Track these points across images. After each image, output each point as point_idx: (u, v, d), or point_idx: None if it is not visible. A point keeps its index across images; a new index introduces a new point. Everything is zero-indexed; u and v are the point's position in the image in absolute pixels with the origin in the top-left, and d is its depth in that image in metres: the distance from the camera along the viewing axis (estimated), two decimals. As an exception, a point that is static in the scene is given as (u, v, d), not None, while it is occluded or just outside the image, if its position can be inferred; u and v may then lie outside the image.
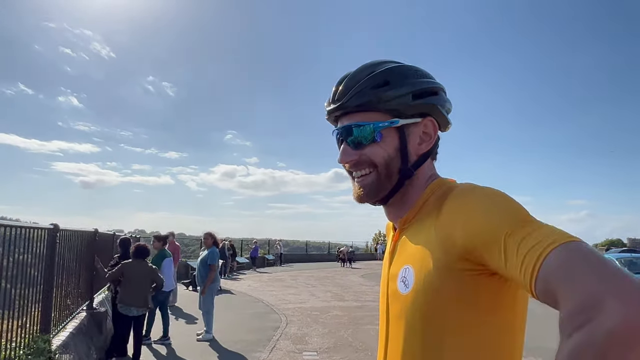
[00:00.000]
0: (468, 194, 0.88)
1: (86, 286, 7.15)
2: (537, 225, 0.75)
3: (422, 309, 0.89)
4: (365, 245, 49.06)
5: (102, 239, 8.23)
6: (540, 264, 0.68)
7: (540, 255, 0.69)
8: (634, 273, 13.28)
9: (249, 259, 26.80)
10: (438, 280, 0.86)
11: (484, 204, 0.83)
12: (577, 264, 0.64)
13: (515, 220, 0.77)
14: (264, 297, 14.18)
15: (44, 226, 4.88)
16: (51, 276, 5.02)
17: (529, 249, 0.71)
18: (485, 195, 0.85)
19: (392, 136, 1.01)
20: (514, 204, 0.82)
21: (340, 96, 1.02)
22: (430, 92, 1.03)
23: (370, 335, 8.67)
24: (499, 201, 0.82)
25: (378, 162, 1.00)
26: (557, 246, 0.68)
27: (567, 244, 0.68)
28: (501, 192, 0.86)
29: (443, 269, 0.86)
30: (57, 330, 5.35)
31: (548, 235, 0.71)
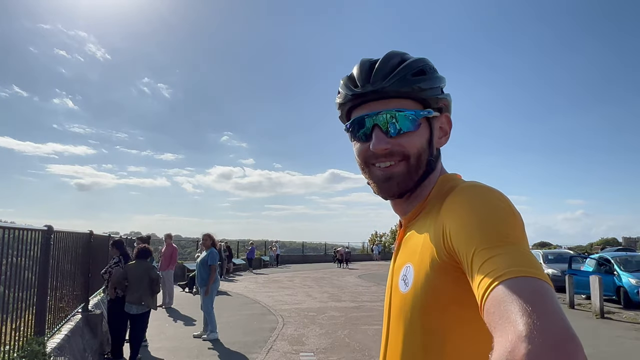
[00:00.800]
0: (463, 194, 0.86)
1: (81, 288, 7.10)
2: (506, 250, 0.72)
3: (421, 308, 0.88)
4: (362, 246, 49.07)
5: (97, 240, 8.20)
6: (487, 295, 0.67)
7: (490, 285, 0.67)
8: (630, 271, 13.36)
9: (245, 260, 26.77)
10: (435, 280, 0.86)
11: (471, 211, 0.81)
12: (512, 308, 0.62)
13: (489, 238, 0.74)
14: (261, 298, 14.16)
15: (38, 228, 4.84)
16: (45, 278, 4.98)
17: (485, 275, 0.69)
18: (477, 202, 0.82)
19: (425, 127, 1.00)
20: (499, 218, 0.78)
21: (379, 79, 0.97)
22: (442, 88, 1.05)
23: (368, 336, 8.66)
24: (486, 212, 0.79)
25: (412, 152, 0.98)
26: (506, 280, 0.66)
27: (517, 279, 0.66)
28: (496, 200, 0.83)
29: (439, 268, 0.85)
30: (52, 333, 5.31)
31: (507, 264, 0.68)
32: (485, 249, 0.73)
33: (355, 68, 1.04)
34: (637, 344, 8.43)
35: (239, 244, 29.41)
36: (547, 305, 0.62)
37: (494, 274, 0.68)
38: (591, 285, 11.70)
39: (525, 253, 0.72)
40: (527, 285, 0.65)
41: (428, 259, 0.87)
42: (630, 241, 58.31)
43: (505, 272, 0.67)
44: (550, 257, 18.84)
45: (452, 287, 0.84)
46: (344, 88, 1.04)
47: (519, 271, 0.67)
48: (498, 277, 0.67)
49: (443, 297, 0.85)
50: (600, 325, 10.26)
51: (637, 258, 14.94)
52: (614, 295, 13.37)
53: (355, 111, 1.03)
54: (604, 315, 11.12)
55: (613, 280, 13.43)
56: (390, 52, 1.02)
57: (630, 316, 11.00)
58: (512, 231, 0.77)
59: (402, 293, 0.94)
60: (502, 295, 0.65)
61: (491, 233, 0.75)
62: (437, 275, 0.85)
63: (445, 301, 0.85)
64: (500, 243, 0.73)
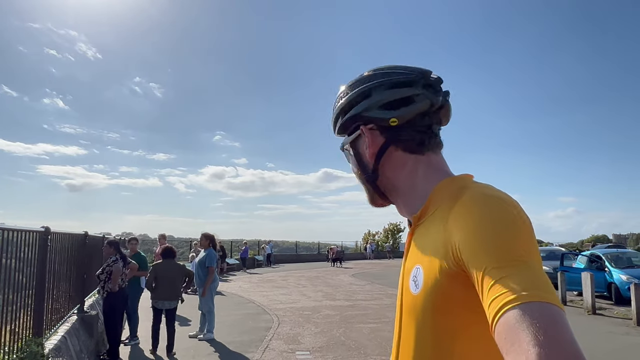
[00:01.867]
0: (474, 204, 0.85)
1: (77, 289, 7.09)
2: (517, 270, 0.72)
3: (431, 310, 0.89)
4: (355, 244, 49.15)
5: (92, 242, 8.18)
6: (498, 319, 0.68)
7: (501, 309, 0.68)
8: (621, 268, 13.52)
9: (239, 260, 26.75)
10: (444, 284, 0.86)
11: (481, 224, 0.80)
12: (523, 335, 0.63)
13: (500, 257, 0.74)
14: (255, 297, 14.17)
15: (35, 229, 4.84)
16: (43, 279, 4.98)
17: (495, 297, 0.70)
18: (487, 214, 0.82)
19: (350, 153, 1.13)
20: (511, 233, 0.78)
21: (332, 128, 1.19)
22: (356, 101, 1.06)
23: (363, 334, 8.71)
24: (498, 226, 0.79)
25: (355, 177, 1.15)
26: (518, 305, 0.67)
27: (528, 305, 0.66)
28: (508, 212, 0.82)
29: (448, 274, 0.85)
30: (50, 334, 5.31)
31: (519, 287, 0.69)
32: (496, 268, 0.73)
33: None
34: (628, 339, 8.56)
35: (232, 243, 29.37)
36: (559, 334, 0.62)
37: (504, 297, 0.68)
38: (583, 282, 11.83)
39: (537, 273, 0.72)
40: (539, 311, 0.65)
41: (437, 263, 0.87)
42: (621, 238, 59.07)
43: (517, 297, 0.67)
44: (542, 254, 18.90)
45: (461, 291, 0.84)
46: None
47: (530, 296, 0.67)
48: (509, 301, 0.67)
49: (452, 301, 0.86)
50: (592, 322, 10.38)
51: (627, 255, 15.12)
52: (606, 292, 13.52)
53: None
54: (595, 311, 11.25)
55: (604, 277, 13.58)
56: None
57: (621, 312, 11.14)
58: (524, 247, 0.76)
59: (413, 294, 0.94)
60: (513, 321, 0.65)
61: (502, 251, 0.75)
62: (446, 280, 0.85)
63: (455, 305, 0.86)
64: (511, 262, 0.73)
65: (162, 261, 7.75)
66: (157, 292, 7.44)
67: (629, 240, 59.90)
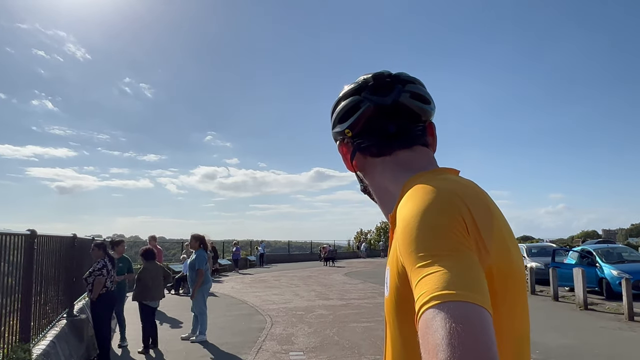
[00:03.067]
0: (407, 200, 0.84)
1: (66, 293, 6.99)
2: (436, 267, 0.68)
3: (396, 313, 0.86)
4: (347, 243, 49.19)
5: (80, 244, 8.06)
6: (418, 320, 0.65)
7: (419, 310, 0.65)
8: (611, 263, 13.62)
9: (231, 260, 26.66)
10: (401, 286, 0.82)
11: (406, 225, 0.78)
12: (434, 337, 0.60)
13: (421, 254, 0.71)
14: (248, 298, 14.10)
15: (21, 232, 4.74)
16: (29, 284, 4.88)
17: (417, 297, 0.67)
18: (411, 213, 0.79)
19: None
20: (434, 227, 0.74)
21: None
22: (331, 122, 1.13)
23: (356, 333, 8.68)
24: (419, 225, 0.76)
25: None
26: (432, 306, 0.63)
27: (442, 305, 0.62)
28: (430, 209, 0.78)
29: (402, 274, 0.81)
30: (38, 339, 5.21)
31: (434, 286, 0.65)
32: (420, 266, 0.70)
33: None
34: (620, 334, 8.60)
35: (224, 244, 29.27)
36: (469, 335, 0.58)
37: (422, 298, 0.65)
38: (574, 277, 11.89)
39: (459, 268, 0.68)
40: (452, 311, 0.61)
41: (394, 265, 0.85)
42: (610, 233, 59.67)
43: (432, 297, 0.64)
44: (534, 250, 19.13)
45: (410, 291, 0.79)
46: None
47: (446, 295, 0.63)
48: (425, 302, 0.64)
49: (408, 301, 0.79)
50: (584, 317, 10.44)
51: (618, 250, 15.25)
52: (597, 287, 13.61)
53: None
54: (587, 306, 11.31)
55: (595, 272, 13.67)
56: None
57: (612, 307, 11.21)
58: (448, 240, 0.72)
59: (385, 296, 0.92)
60: (426, 323, 0.62)
61: (425, 246, 0.72)
62: (400, 284, 0.82)
63: (410, 308, 0.79)
64: (433, 258, 0.70)
65: (151, 262, 8.01)
66: (152, 292, 7.77)
67: (618, 235, 60.47)
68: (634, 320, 9.65)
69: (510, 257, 0.81)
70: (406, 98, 1.02)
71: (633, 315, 9.78)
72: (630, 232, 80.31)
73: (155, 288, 7.85)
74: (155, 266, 8.16)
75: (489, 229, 0.77)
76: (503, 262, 0.78)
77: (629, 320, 9.68)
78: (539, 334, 8.26)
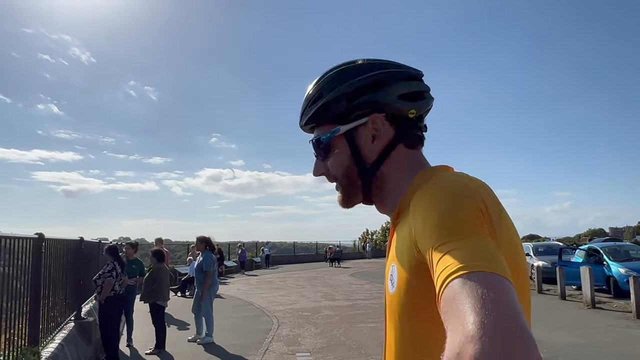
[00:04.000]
0: (427, 190, 0.84)
1: (73, 296, 7.02)
2: (461, 244, 0.69)
3: (406, 307, 0.86)
4: (353, 244, 49.15)
5: (88, 247, 8.11)
6: (441, 293, 0.65)
7: (443, 282, 0.65)
8: (619, 261, 13.54)
9: (237, 262, 26.69)
10: (414, 279, 0.83)
11: (430, 207, 0.79)
12: (463, 306, 0.60)
13: (445, 233, 0.72)
14: (254, 300, 14.11)
15: (29, 236, 4.77)
16: (38, 287, 4.91)
17: (440, 272, 0.67)
18: (436, 196, 0.80)
19: (342, 144, 1.02)
20: (455, 210, 0.76)
21: (300, 118, 1.08)
22: (371, 87, 0.99)
23: (363, 334, 8.68)
24: (444, 206, 0.77)
25: (337, 174, 1.04)
26: (459, 276, 0.64)
27: (470, 275, 0.63)
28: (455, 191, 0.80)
29: (415, 268, 0.82)
30: (46, 342, 5.24)
31: (461, 259, 0.66)
32: (442, 244, 0.71)
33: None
34: (629, 332, 8.55)
35: (229, 246, 29.31)
36: (498, 301, 0.58)
37: (447, 270, 0.66)
38: (581, 276, 11.83)
39: (482, 246, 0.69)
40: (479, 280, 0.62)
41: (406, 258, 0.85)
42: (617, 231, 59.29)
43: (458, 268, 0.65)
44: (541, 249, 19.03)
45: (428, 287, 0.78)
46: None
47: (472, 266, 0.64)
48: (451, 273, 0.65)
49: (424, 298, 0.81)
50: (591, 315, 10.38)
51: (625, 248, 15.16)
52: (604, 285, 13.53)
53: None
54: (595, 305, 11.25)
55: (603, 271, 13.59)
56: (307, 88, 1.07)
57: (620, 305, 11.15)
58: (470, 223, 0.73)
59: (390, 293, 0.92)
60: (453, 292, 0.63)
61: (447, 227, 0.73)
62: (414, 276, 0.83)
63: (427, 302, 0.81)
64: (456, 237, 0.71)
65: (159, 264, 8.10)
66: (164, 293, 7.96)
67: (626, 233, 60.07)
68: (642, 318, 9.59)
69: (517, 251, 0.84)
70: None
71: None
72: (638, 230, 79.82)
73: (166, 288, 8.05)
74: (165, 267, 8.35)
75: (499, 222, 0.79)
76: (510, 256, 0.79)
77: (637, 318, 9.62)
78: (546, 332, 8.22)
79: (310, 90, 1.05)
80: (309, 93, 1.05)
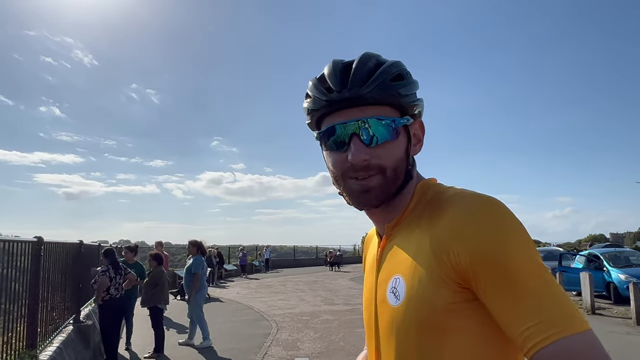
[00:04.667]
0: (474, 208, 0.81)
1: (72, 299, 7.02)
2: (538, 289, 0.71)
3: (417, 322, 0.83)
4: (353, 248, 49.04)
5: (87, 250, 8.11)
6: (537, 350, 0.68)
7: (541, 341, 0.68)
8: (619, 267, 13.50)
9: (237, 266, 26.65)
10: (431, 291, 0.81)
11: (494, 227, 0.78)
12: None
13: (518, 274, 0.73)
14: (254, 303, 14.09)
15: (28, 239, 4.78)
16: (36, 290, 4.91)
17: (531, 325, 0.69)
18: (494, 216, 0.79)
19: (403, 135, 0.94)
20: (522, 244, 0.77)
21: (356, 84, 0.90)
22: (414, 84, 0.97)
23: (362, 339, 8.62)
24: (510, 237, 0.77)
25: (389, 164, 0.91)
26: (562, 338, 0.66)
27: (572, 337, 0.66)
28: (509, 219, 0.80)
29: (437, 279, 0.81)
30: (44, 345, 5.23)
31: (555, 313, 0.69)
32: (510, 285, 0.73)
33: (326, 69, 0.95)
34: (629, 338, 8.52)
35: (229, 249, 29.28)
36: None
37: (543, 326, 0.68)
38: (582, 281, 11.81)
39: (558, 291, 0.71)
40: (577, 346, 0.66)
41: (423, 271, 0.83)
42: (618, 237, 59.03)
43: (559, 331, 0.67)
44: (541, 254, 18.88)
45: (449, 299, 0.80)
46: (315, 92, 0.94)
47: (570, 328, 0.67)
48: (552, 334, 0.67)
49: (440, 311, 0.81)
50: (592, 321, 10.18)
51: (625, 254, 15.12)
52: (604, 291, 13.50)
53: (328, 118, 0.95)
54: (595, 311, 11.23)
55: (603, 277, 13.56)
56: (366, 54, 0.94)
57: (620, 311, 11.12)
58: (536, 257, 0.76)
59: (393, 306, 0.88)
60: (566, 355, 0.66)
61: (518, 264, 0.74)
62: (432, 288, 0.81)
63: (442, 315, 0.81)
64: (530, 279, 0.73)
65: (159, 268, 8.09)
66: (165, 295, 7.99)
67: (626, 239, 59.78)
68: (642, 324, 9.56)
69: None
70: None
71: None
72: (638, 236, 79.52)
73: (166, 291, 8.06)
74: (163, 270, 8.32)
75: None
76: None
77: (637, 325, 9.59)
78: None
79: (382, 64, 0.93)
80: (386, 67, 0.92)
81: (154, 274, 7.97)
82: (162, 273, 8.04)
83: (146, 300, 7.76)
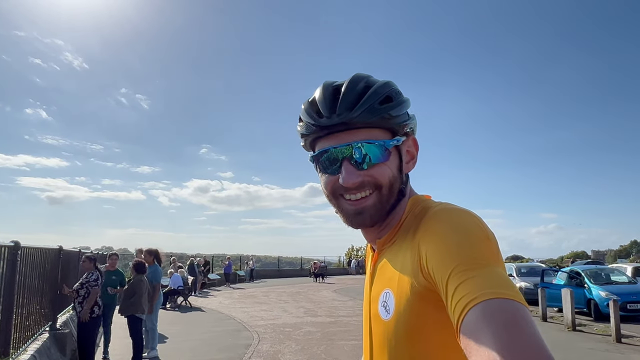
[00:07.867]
0: (438, 218, 0.84)
1: (49, 305, 6.88)
2: (480, 272, 0.71)
3: (405, 334, 0.85)
4: (338, 260, 48.97)
5: (67, 256, 7.97)
6: (461, 320, 0.66)
7: (463, 309, 0.67)
8: (600, 284, 13.65)
9: (222, 275, 26.41)
10: (416, 306, 0.83)
11: (445, 235, 0.80)
12: (485, 331, 0.61)
13: (462, 261, 0.73)
14: (236, 314, 13.95)
15: (4, 244, 4.68)
16: (11, 296, 4.81)
17: (459, 299, 0.68)
18: (451, 226, 0.81)
19: (394, 155, 0.96)
20: (473, 241, 0.77)
21: (345, 109, 0.91)
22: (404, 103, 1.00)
23: (344, 351, 8.60)
24: (461, 236, 0.78)
25: (384, 183, 0.93)
26: (479, 303, 0.65)
27: (490, 302, 0.65)
28: (470, 223, 0.81)
29: (419, 294, 0.82)
30: (18, 353, 5.11)
31: (480, 286, 0.67)
32: (460, 272, 0.72)
33: (317, 93, 0.97)
34: (608, 355, 8.58)
35: (213, 258, 29.03)
36: (522, 329, 0.60)
37: (467, 297, 0.67)
38: (563, 298, 11.90)
39: (499, 274, 0.71)
40: (500, 307, 0.64)
41: (408, 284, 0.85)
42: (599, 254, 60.02)
43: (479, 295, 0.66)
44: (523, 270, 19.13)
45: (433, 313, 0.81)
46: (306, 117, 0.96)
47: (492, 293, 0.66)
48: (471, 300, 0.66)
49: (426, 324, 0.83)
50: (572, 338, 10.42)
51: (606, 271, 15.30)
52: (585, 308, 13.62)
53: (320, 141, 0.97)
54: (575, 327, 11.31)
55: (584, 293, 13.69)
56: (355, 76, 0.96)
57: (600, 328, 11.21)
58: (486, 254, 0.76)
59: (384, 320, 0.90)
60: (475, 319, 0.64)
61: (465, 256, 0.74)
62: (417, 302, 0.83)
63: (429, 328, 0.83)
64: (474, 266, 0.72)
65: (140, 276, 7.81)
66: (143, 305, 7.64)
67: (607, 256, 60.82)
68: (621, 342, 9.64)
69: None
70: None
71: (621, 337, 9.78)
72: (619, 253, 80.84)
73: (145, 301, 7.77)
74: (145, 279, 8.02)
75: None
76: None
77: (616, 342, 9.67)
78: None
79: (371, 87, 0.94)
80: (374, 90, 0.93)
81: (133, 282, 7.78)
82: (141, 282, 7.80)
83: (124, 309, 7.55)
